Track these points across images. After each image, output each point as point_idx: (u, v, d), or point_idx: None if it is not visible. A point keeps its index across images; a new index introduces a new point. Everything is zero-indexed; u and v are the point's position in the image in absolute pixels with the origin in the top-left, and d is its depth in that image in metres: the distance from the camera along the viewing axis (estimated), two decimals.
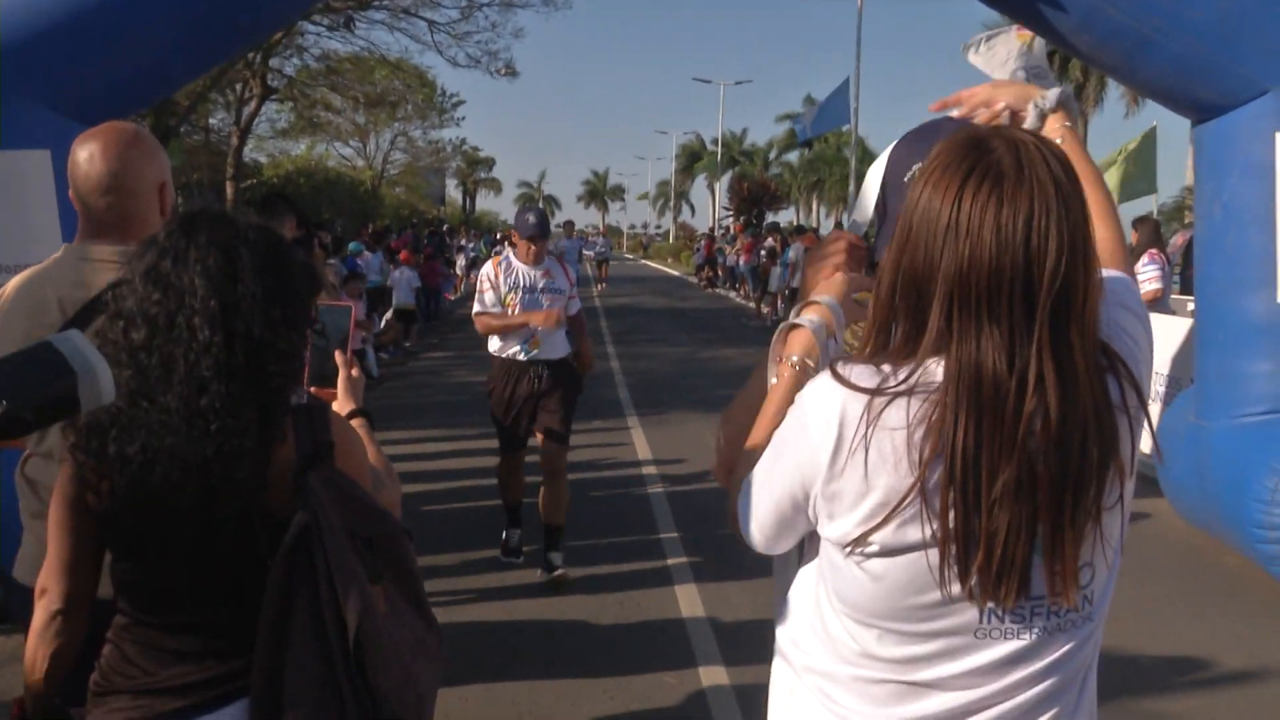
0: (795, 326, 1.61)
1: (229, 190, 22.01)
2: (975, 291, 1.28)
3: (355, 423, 2.14)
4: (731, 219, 46.19)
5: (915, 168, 1.65)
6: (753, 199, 48.13)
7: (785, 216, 55.26)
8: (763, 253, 23.95)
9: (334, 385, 2.30)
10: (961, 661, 1.39)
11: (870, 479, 1.34)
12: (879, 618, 1.40)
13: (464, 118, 51.03)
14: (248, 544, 1.75)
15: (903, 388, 1.32)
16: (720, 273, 34.37)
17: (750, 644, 5.02)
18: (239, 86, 22.89)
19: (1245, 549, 5.76)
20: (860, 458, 1.34)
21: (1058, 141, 1.56)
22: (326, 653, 1.71)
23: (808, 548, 1.55)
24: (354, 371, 2.32)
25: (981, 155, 1.32)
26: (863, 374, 1.36)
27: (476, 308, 5.96)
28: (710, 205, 74.63)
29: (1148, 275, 9.39)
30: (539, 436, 5.98)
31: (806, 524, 1.47)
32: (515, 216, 6.23)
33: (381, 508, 1.90)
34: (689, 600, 5.61)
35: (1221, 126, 6.02)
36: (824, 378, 1.40)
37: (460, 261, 29.60)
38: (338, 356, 2.30)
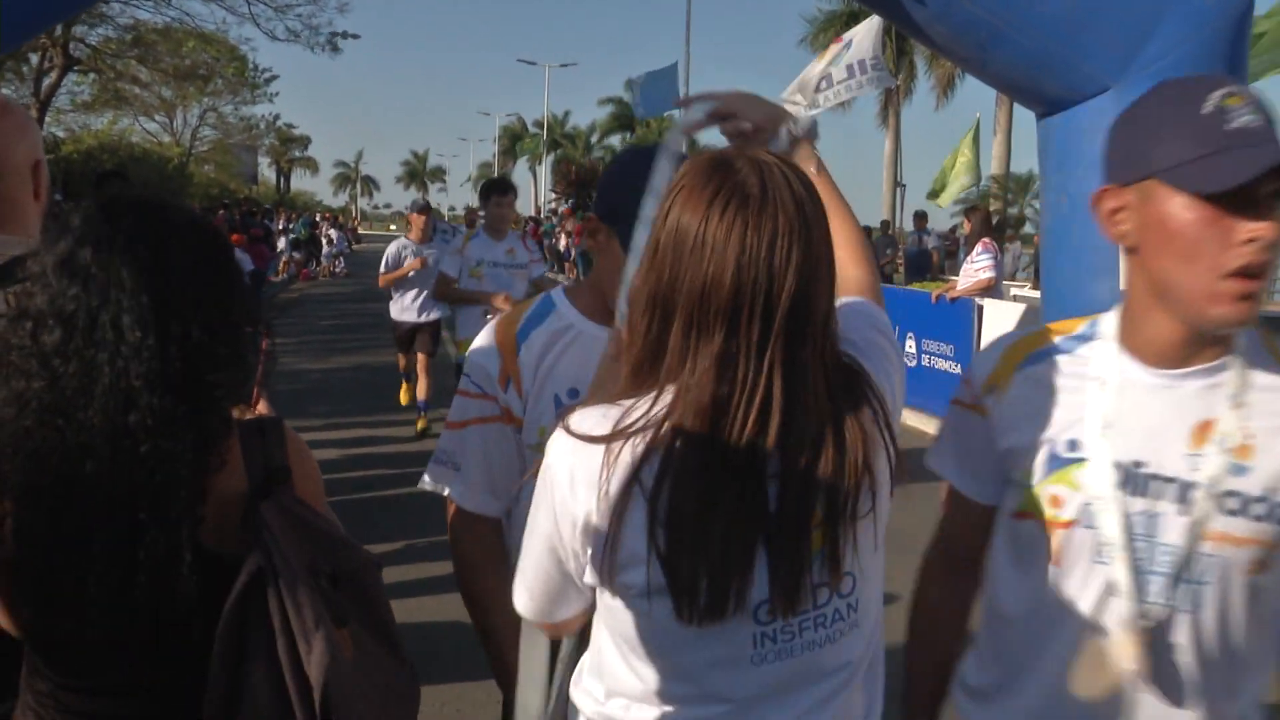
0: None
1: None
2: (715, 310, 1.29)
3: None
4: (559, 202, 46.01)
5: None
6: (580, 183, 48.03)
7: None
8: None
9: None
10: (742, 682, 1.39)
11: (617, 523, 1.32)
12: (662, 652, 1.39)
13: (278, 93, 49.15)
14: (180, 590, 1.48)
15: (638, 425, 1.32)
16: (547, 256, 34.23)
17: None
18: (37, 56, 21.34)
19: None
20: (606, 506, 1.32)
21: (810, 170, 1.58)
22: (287, 713, 1.47)
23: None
24: (261, 407, 2.00)
25: (728, 176, 1.33)
26: (596, 420, 1.36)
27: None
28: (532, 188, 74.32)
29: (981, 264, 9.81)
30: None
31: (576, 587, 1.44)
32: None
33: (347, 539, 1.64)
34: None
35: (1067, 121, 6.24)
36: (560, 434, 1.39)
37: (281, 244, 28.56)
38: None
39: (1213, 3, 5.85)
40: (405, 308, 9.72)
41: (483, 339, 2.06)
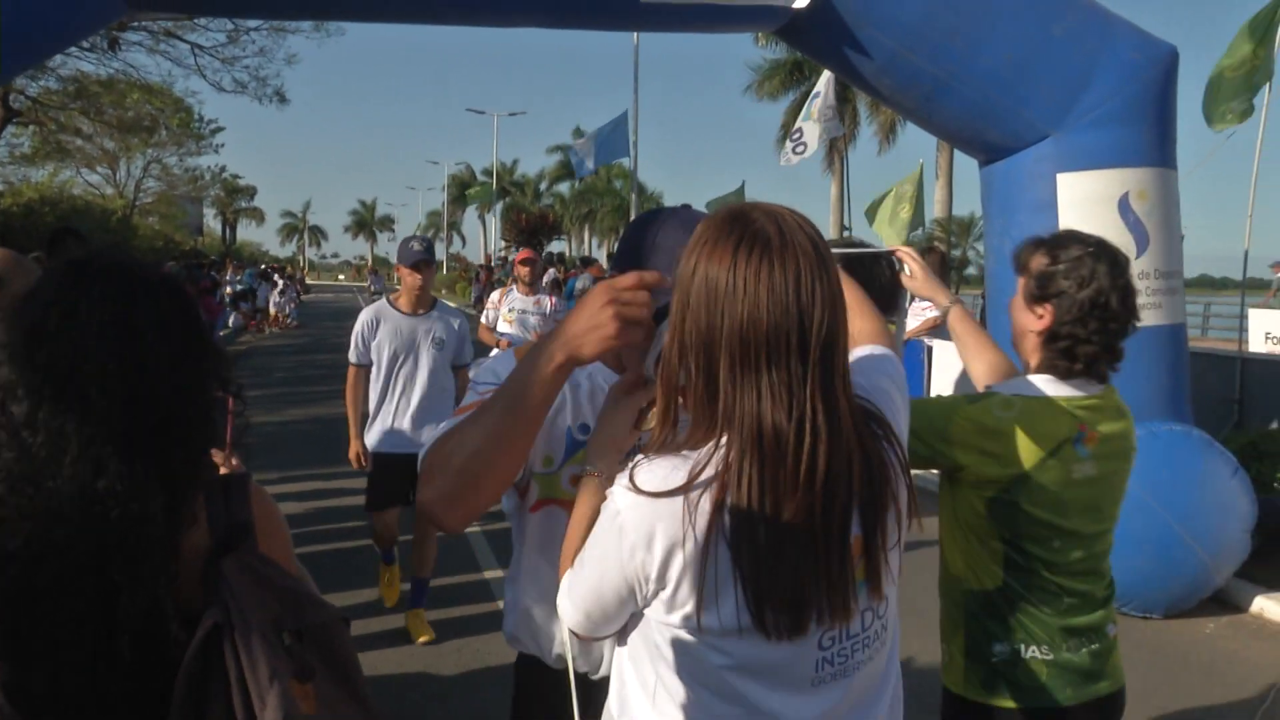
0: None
1: None
2: (755, 348, 1.39)
3: None
4: (509, 250, 46.05)
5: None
6: (530, 230, 48.22)
7: (557, 247, 55.75)
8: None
9: None
10: (797, 706, 1.49)
11: (705, 567, 1.40)
12: (729, 682, 1.47)
13: (223, 144, 48.98)
14: (157, 644, 1.49)
15: (710, 473, 1.40)
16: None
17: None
18: None
19: None
20: (692, 555, 1.40)
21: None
22: None
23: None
24: (234, 461, 2.01)
25: (746, 226, 1.43)
26: (666, 474, 1.42)
27: None
28: (481, 236, 74.41)
29: (929, 304, 9.97)
30: None
31: (624, 616, 1.54)
32: None
33: (313, 594, 1.64)
34: None
35: (1008, 167, 6.47)
36: (626, 494, 1.44)
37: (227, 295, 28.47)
38: (215, 455, 1.91)
39: (1142, 57, 6.12)
40: (396, 430, 5.71)
41: (503, 358, 2.01)
